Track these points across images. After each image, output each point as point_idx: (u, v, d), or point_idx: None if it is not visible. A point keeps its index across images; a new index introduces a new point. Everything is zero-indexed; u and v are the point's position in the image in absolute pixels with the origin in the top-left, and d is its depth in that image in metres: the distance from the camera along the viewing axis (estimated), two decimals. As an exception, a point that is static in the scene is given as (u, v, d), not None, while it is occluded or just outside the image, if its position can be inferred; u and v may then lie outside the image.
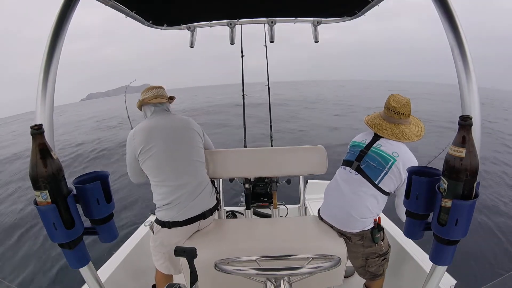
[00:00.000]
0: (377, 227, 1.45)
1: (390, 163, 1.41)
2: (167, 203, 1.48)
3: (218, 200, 1.69)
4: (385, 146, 1.47)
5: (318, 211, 1.66)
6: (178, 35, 1.98)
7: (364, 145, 1.52)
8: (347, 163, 1.56)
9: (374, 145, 1.50)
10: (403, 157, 1.42)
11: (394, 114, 1.47)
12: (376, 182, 1.43)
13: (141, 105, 1.64)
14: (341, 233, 1.50)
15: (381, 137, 1.51)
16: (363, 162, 1.48)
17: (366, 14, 1.64)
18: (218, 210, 1.79)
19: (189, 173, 1.53)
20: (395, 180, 1.41)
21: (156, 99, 1.60)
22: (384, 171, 1.42)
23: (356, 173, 1.48)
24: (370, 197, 1.44)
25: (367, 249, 1.47)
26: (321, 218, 1.63)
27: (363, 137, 1.59)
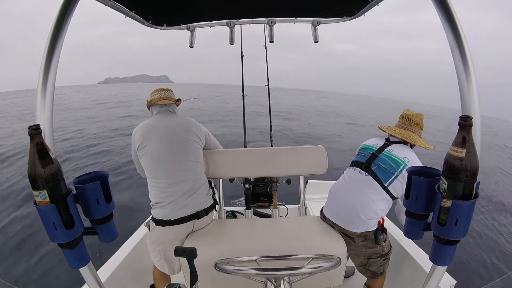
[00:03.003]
0: (381, 228, 1.46)
1: (401, 167, 1.44)
2: (160, 201, 1.51)
3: (215, 200, 1.70)
4: (397, 151, 1.51)
5: (322, 210, 1.66)
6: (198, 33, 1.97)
7: (376, 149, 1.56)
8: (356, 164, 1.58)
9: (386, 149, 1.54)
10: (414, 162, 1.45)
11: (406, 121, 1.57)
12: (386, 185, 1.45)
13: (149, 105, 1.71)
14: (344, 233, 1.50)
15: (393, 143, 1.56)
16: (374, 164, 1.51)
17: (366, 14, 1.64)
18: (216, 210, 1.79)
19: (183, 172, 1.55)
20: (404, 184, 1.43)
21: (162, 101, 1.66)
22: (395, 175, 1.44)
23: (366, 174, 1.50)
24: (378, 199, 1.45)
25: (369, 250, 1.48)
26: (324, 217, 1.63)
27: (374, 141, 1.63)
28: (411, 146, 1.60)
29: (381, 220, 1.48)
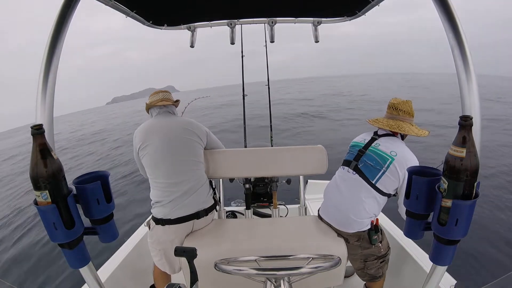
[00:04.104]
0: (374, 228, 1.44)
1: (388, 162, 1.40)
2: (160, 200, 1.52)
3: (215, 200, 1.70)
4: (383, 145, 1.47)
5: (318, 211, 1.66)
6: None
7: (363, 145, 1.53)
8: (346, 163, 1.57)
9: (373, 144, 1.50)
10: (401, 156, 1.41)
11: (393, 110, 1.51)
12: (373, 182, 1.42)
13: (148, 108, 1.73)
14: (339, 234, 1.49)
15: (381, 136, 1.52)
16: (361, 161, 1.48)
17: (366, 14, 1.65)
18: (216, 210, 1.79)
19: (184, 172, 1.56)
20: (394, 179, 1.40)
21: (161, 102, 1.68)
22: (382, 171, 1.41)
23: (354, 172, 1.48)
24: (367, 197, 1.43)
25: (365, 251, 1.47)
26: (320, 218, 1.63)
27: (362, 137, 1.60)
28: (403, 137, 1.55)
29: (374, 219, 1.45)
